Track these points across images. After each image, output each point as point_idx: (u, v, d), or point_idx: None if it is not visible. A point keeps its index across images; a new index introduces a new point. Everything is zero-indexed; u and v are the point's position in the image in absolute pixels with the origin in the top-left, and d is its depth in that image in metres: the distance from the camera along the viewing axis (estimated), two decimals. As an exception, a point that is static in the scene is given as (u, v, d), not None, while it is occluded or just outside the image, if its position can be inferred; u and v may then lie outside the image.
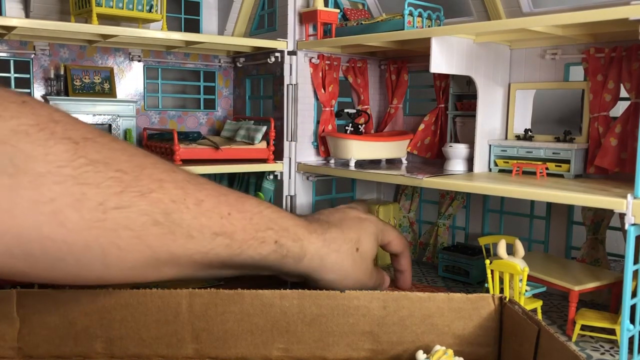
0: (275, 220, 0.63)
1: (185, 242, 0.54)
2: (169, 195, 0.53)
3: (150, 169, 0.54)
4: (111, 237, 0.49)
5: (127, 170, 0.51)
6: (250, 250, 0.60)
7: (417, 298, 0.62)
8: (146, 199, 0.51)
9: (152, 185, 0.52)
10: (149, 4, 1.00)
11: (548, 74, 0.94)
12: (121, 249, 0.50)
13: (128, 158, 0.53)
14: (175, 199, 0.54)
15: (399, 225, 1.17)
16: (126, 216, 0.50)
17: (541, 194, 0.74)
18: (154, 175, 0.53)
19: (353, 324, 0.62)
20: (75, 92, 1.06)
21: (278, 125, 1.08)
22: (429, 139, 1.11)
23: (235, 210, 0.59)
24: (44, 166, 0.46)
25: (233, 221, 0.59)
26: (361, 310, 0.62)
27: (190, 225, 0.54)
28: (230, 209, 0.59)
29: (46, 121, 0.49)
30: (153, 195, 0.52)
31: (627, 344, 0.67)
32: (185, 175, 0.58)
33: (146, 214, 0.51)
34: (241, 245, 0.59)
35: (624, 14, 0.65)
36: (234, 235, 0.58)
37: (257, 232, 0.61)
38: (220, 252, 0.58)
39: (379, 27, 0.97)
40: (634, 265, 0.66)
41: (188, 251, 0.55)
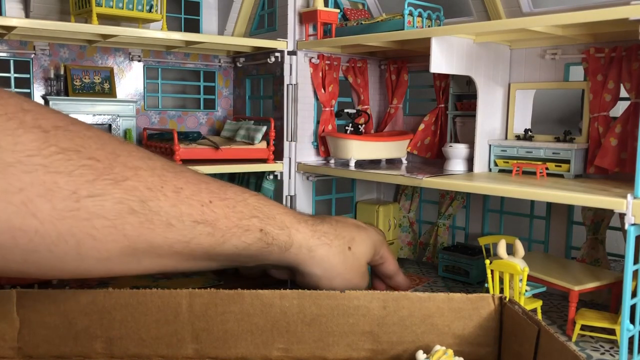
0: (261, 208, 0.62)
1: (164, 231, 0.53)
2: (145, 183, 0.52)
3: (124, 157, 0.52)
4: (85, 227, 0.48)
5: (100, 158, 0.50)
6: (234, 239, 0.58)
7: (417, 298, 0.62)
8: (121, 187, 0.50)
9: (127, 173, 0.51)
10: (149, 4, 1.00)
11: (548, 74, 0.94)
12: (96, 239, 0.49)
13: (101, 146, 0.51)
14: (152, 187, 0.52)
15: (399, 225, 1.17)
16: (100, 205, 0.48)
17: (541, 194, 0.74)
18: (129, 162, 0.52)
19: (353, 324, 0.62)
20: (75, 92, 1.06)
21: (278, 125, 1.08)
22: (429, 139, 1.11)
23: (217, 197, 0.58)
24: (12, 155, 0.45)
25: (215, 209, 0.57)
26: (361, 310, 0.62)
27: (169, 213, 0.53)
28: (212, 196, 0.57)
29: (15, 110, 0.47)
30: (128, 183, 0.50)
31: (627, 344, 0.67)
32: (162, 163, 0.56)
33: (121, 202, 0.49)
34: (224, 234, 0.57)
35: (624, 14, 0.65)
36: (216, 223, 0.57)
37: (241, 220, 0.59)
38: (202, 241, 0.56)
39: (379, 27, 0.97)
40: (634, 265, 0.66)
41: (168, 240, 0.54)
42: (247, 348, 0.62)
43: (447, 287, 0.99)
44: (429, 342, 0.62)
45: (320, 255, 0.66)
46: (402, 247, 1.18)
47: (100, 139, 0.52)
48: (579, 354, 0.46)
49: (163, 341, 0.62)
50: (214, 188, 0.59)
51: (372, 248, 0.73)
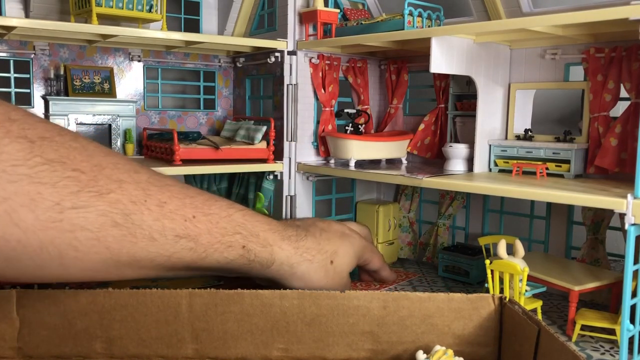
0: (245, 225, 0.62)
1: (146, 244, 0.53)
2: (129, 196, 0.52)
3: (110, 169, 0.52)
4: (68, 238, 0.48)
5: (85, 170, 0.50)
6: (216, 254, 0.59)
7: (417, 298, 0.62)
8: (104, 200, 0.50)
9: (111, 186, 0.51)
10: (149, 4, 1.00)
11: (548, 74, 0.94)
12: (78, 251, 0.49)
13: (86, 158, 0.51)
14: (135, 200, 0.53)
15: (399, 225, 1.17)
16: (83, 217, 0.49)
17: (541, 194, 0.74)
18: (114, 175, 0.52)
19: (353, 324, 0.62)
20: (75, 92, 1.06)
21: (278, 125, 1.08)
22: (429, 139, 1.11)
23: (201, 213, 0.58)
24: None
25: (198, 224, 0.57)
26: (361, 310, 0.62)
27: (152, 227, 0.53)
28: (196, 211, 0.57)
29: (2, 120, 0.48)
30: (112, 195, 0.51)
31: (627, 344, 0.67)
32: (148, 176, 0.56)
33: (104, 215, 0.50)
34: (206, 249, 0.58)
35: (624, 14, 0.65)
36: (198, 238, 0.57)
37: (224, 236, 0.59)
38: (184, 255, 0.57)
39: (379, 27, 0.97)
40: (634, 265, 0.66)
41: (150, 254, 0.54)
42: (247, 348, 0.62)
43: (447, 287, 0.99)
44: (429, 342, 0.62)
45: (302, 272, 0.67)
46: (402, 247, 1.18)
47: (86, 150, 0.52)
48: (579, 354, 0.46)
49: (163, 341, 0.62)
50: (199, 203, 0.59)
51: (355, 257, 0.76)
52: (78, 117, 1.06)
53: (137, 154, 1.13)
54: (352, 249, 0.74)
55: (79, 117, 1.06)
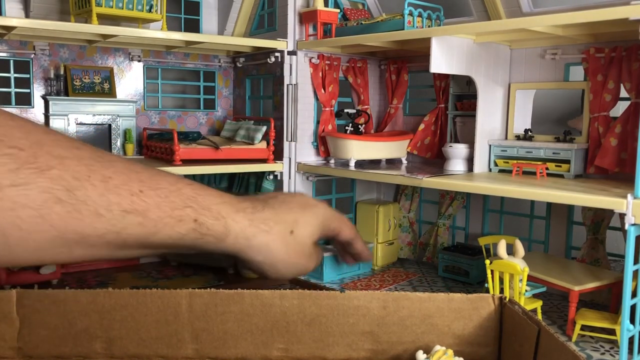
0: (195, 198, 0.60)
1: (93, 220, 0.52)
2: (71, 172, 0.51)
3: (50, 146, 0.51)
4: (10, 217, 0.47)
5: (24, 147, 0.48)
6: (167, 229, 0.57)
7: (417, 298, 0.62)
8: (45, 176, 0.49)
9: (52, 162, 0.50)
10: (149, 4, 1.00)
11: (548, 74, 0.94)
12: (22, 230, 0.48)
13: (24, 135, 0.50)
14: (79, 176, 0.51)
15: (399, 225, 1.17)
16: (24, 194, 0.47)
17: (541, 194, 0.74)
18: (54, 152, 0.51)
19: (353, 324, 0.62)
20: (75, 92, 1.06)
21: (278, 125, 1.08)
22: (429, 139, 1.11)
23: (148, 187, 0.56)
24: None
25: (145, 198, 0.55)
26: (361, 310, 0.62)
27: (97, 202, 0.52)
28: (142, 185, 0.56)
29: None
30: (53, 172, 0.49)
31: (627, 344, 0.67)
32: (91, 153, 0.55)
33: (46, 192, 0.48)
34: (156, 224, 0.56)
35: (624, 14, 0.65)
36: (147, 213, 0.55)
37: (174, 210, 0.58)
38: (133, 231, 0.55)
39: (379, 27, 0.97)
40: (634, 265, 0.66)
41: (97, 230, 0.53)
42: (247, 348, 0.62)
43: (447, 287, 0.99)
44: (429, 342, 0.62)
45: (259, 243, 0.64)
46: (402, 247, 1.18)
47: (24, 127, 0.51)
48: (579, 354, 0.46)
49: (163, 341, 0.62)
50: (145, 177, 0.57)
51: (319, 227, 0.71)
52: (78, 117, 1.06)
53: (137, 153, 1.13)
54: (316, 218, 0.70)
55: (79, 117, 1.06)
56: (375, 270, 1.09)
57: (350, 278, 1.03)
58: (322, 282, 1.00)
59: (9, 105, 1.03)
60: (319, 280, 1.00)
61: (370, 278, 1.03)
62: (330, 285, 0.97)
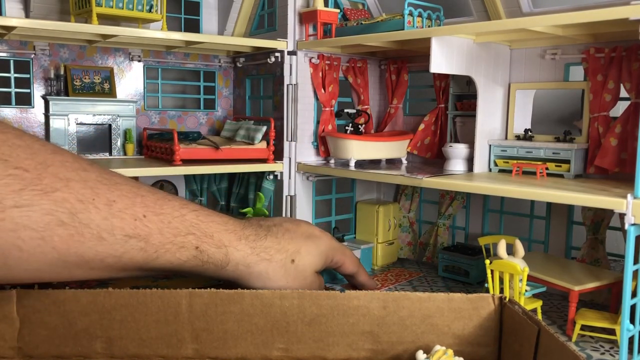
0: (198, 225, 0.60)
1: (95, 244, 0.52)
2: (76, 195, 0.50)
3: (56, 167, 0.51)
4: (11, 237, 0.47)
5: (29, 168, 0.48)
6: (167, 255, 0.57)
7: (417, 298, 0.62)
8: (50, 198, 0.49)
9: (57, 184, 0.50)
10: (149, 4, 1.00)
11: (548, 74, 0.94)
12: (23, 251, 0.48)
13: (30, 155, 0.50)
14: (83, 199, 0.51)
15: (399, 225, 1.17)
16: (27, 215, 0.47)
17: (541, 194, 0.74)
18: (60, 173, 0.51)
19: (353, 324, 0.62)
20: (75, 92, 1.06)
21: (278, 125, 1.08)
22: (429, 139, 1.11)
23: (152, 212, 0.56)
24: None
25: (148, 223, 0.55)
26: (361, 310, 0.62)
27: (100, 226, 0.52)
28: (146, 210, 0.56)
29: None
30: (58, 194, 0.49)
31: (627, 344, 0.67)
32: (98, 175, 0.55)
33: (50, 214, 0.48)
34: (157, 250, 0.56)
35: (624, 14, 0.65)
36: (149, 238, 0.55)
37: (176, 236, 0.58)
38: (134, 255, 0.55)
39: (379, 27, 0.97)
40: (634, 265, 0.66)
41: (99, 254, 0.53)
42: (247, 348, 0.62)
43: (447, 287, 0.99)
44: (429, 342, 0.62)
45: (259, 271, 0.65)
46: (402, 247, 1.18)
47: (30, 148, 0.51)
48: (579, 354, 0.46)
49: (163, 341, 0.62)
50: (150, 202, 0.57)
51: (321, 258, 0.71)
52: (78, 117, 1.06)
53: (137, 154, 1.14)
54: (317, 248, 0.70)
55: (79, 117, 1.06)
56: (375, 270, 1.09)
57: (350, 278, 1.03)
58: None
59: (9, 105, 1.03)
60: (319, 280, 1.00)
61: (372, 278, 1.03)
62: (331, 285, 0.97)
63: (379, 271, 1.09)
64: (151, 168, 0.95)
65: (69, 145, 1.05)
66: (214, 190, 1.23)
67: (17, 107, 1.04)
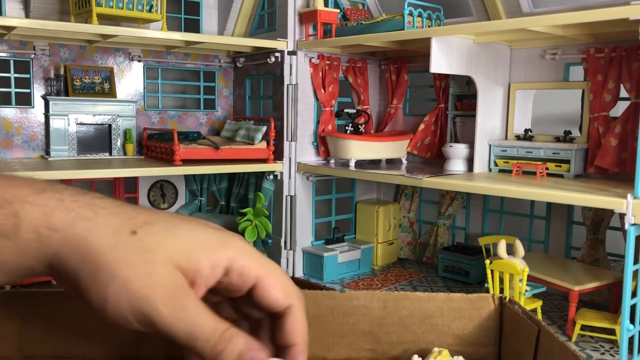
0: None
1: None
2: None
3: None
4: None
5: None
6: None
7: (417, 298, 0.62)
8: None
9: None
10: (149, 4, 1.00)
11: (548, 74, 0.94)
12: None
13: None
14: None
15: (399, 225, 1.17)
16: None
17: (541, 194, 0.74)
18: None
19: (353, 324, 0.62)
20: (75, 92, 1.06)
21: (278, 125, 1.08)
22: (429, 139, 1.11)
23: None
24: None
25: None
26: (361, 310, 0.62)
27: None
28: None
29: None
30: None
31: (627, 344, 0.67)
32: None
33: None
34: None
35: (624, 14, 0.65)
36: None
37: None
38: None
39: (379, 27, 0.97)
40: (634, 265, 0.66)
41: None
42: (247, 348, 0.62)
43: (447, 287, 0.99)
44: (429, 342, 0.62)
45: (75, 236, 0.35)
46: (402, 247, 1.18)
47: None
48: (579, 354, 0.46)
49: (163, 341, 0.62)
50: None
51: (202, 250, 0.35)
52: (78, 117, 1.06)
53: (137, 154, 1.13)
54: (197, 233, 0.36)
55: (79, 117, 1.06)
56: (375, 270, 1.09)
57: (351, 278, 1.03)
58: (322, 282, 1.00)
59: (9, 105, 1.03)
60: (319, 281, 1.00)
61: (373, 278, 1.03)
62: (331, 285, 0.97)
63: (379, 271, 1.09)
64: (151, 168, 0.95)
65: (69, 145, 1.05)
66: (214, 190, 1.23)
67: (17, 107, 1.04)
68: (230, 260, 0.34)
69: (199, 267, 0.33)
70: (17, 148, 1.03)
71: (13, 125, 1.03)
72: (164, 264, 0.34)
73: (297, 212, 1.09)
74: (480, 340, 0.63)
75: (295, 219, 1.08)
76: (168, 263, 0.34)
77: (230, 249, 0.35)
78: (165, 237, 0.35)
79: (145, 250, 0.35)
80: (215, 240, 0.36)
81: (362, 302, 0.63)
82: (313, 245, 1.11)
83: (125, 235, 0.35)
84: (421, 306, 0.62)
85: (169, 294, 0.33)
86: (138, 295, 0.32)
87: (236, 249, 0.36)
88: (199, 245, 0.34)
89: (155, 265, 0.33)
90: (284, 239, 1.08)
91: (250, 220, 1.03)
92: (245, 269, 0.35)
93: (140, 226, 0.36)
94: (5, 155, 1.02)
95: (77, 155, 1.06)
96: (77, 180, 0.98)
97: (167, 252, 0.34)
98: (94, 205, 0.36)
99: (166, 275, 0.33)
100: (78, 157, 1.06)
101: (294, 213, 1.08)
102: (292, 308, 0.36)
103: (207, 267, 0.33)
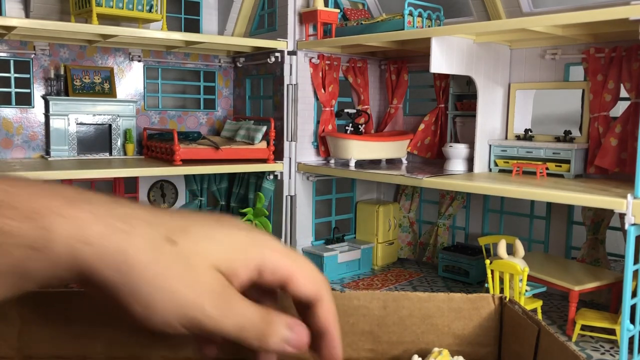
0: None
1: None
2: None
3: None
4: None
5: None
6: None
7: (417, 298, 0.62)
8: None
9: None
10: (149, 4, 1.00)
11: (548, 74, 0.94)
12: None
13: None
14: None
15: (399, 225, 1.17)
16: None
17: (541, 194, 0.74)
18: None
19: (353, 324, 0.62)
20: (75, 92, 1.06)
21: (278, 125, 1.08)
22: (429, 139, 1.11)
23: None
24: None
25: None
26: (361, 310, 0.62)
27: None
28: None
29: None
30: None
31: (627, 344, 0.67)
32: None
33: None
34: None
35: (624, 14, 0.65)
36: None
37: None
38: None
39: (379, 27, 0.97)
40: (634, 265, 0.66)
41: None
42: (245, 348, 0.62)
43: (447, 287, 0.99)
44: (429, 342, 0.62)
45: (112, 250, 0.35)
46: (402, 247, 1.18)
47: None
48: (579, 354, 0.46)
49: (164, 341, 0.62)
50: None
51: (239, 252, 0.37)
52: (78, 117, 1.06)
53: (137, 154, 1.13)
54: (231, 236, 0.37)
55: (79, 117, 1.06)
56: (376, 270, 1.09)
57: (351, 278, 1.03)
58: (322, 282, 1.00)
59: (9, 105, 1.03)
60: (319, 280, 1.00)
61: (373, 278, 1.03)
62: (330, 285, 0.97)
63: (379, 271, 1.09)
64: (151, 168, 0.95)
65: (69, 145, 1.05)
66: (214, 190, 1.23)
67: (17, 107, 1.04)
68: (264, 260, 0.36)
69: (236, 270, 0.35)
70: (17, 148, 1.03)
71: (13, 125, 1.03)
72: (206, 269, 0.35)
73: (297, 212, 1.09)
74: (480, 340, 0.63)
75: (295, 219, 1.08)
76: (210, 268, 0.35)
77: (263, 249, 0.37)
78: (204, 243, 0.36)
79: (186, 258, 0.35)
80: (249, 241, 0.37)
81: (362, 302, 0.63)
82: (313, 245, 1.11)
83: (164, 245, 0.36)
84: (421, 306, 0.62)
85: (216, 296, 0.34)
86: (185, 303, 0.34)
87: (267, 249, 0.37)
88: (234, 249, 0.36)
89: (198, 272, 0.35)
90: (284, 239, 1.09)
91: (251, 220, 1.03)
92: (277, 267, 0.36)
93: (178, 234, 0.36)
94: (5, 155, 1.02)
95: (77, 155, 1.06)
96: (77, 180, 0.98)
97: (207, 257, 0.36)
98: (128, 216, 0.36)
99: (209, 280, 0.35)
100: (78, 157, 1.06)
101: (294, 213, 1.08)
102: (322, 298, 0.38)
103: (244, 269, 0.35)
